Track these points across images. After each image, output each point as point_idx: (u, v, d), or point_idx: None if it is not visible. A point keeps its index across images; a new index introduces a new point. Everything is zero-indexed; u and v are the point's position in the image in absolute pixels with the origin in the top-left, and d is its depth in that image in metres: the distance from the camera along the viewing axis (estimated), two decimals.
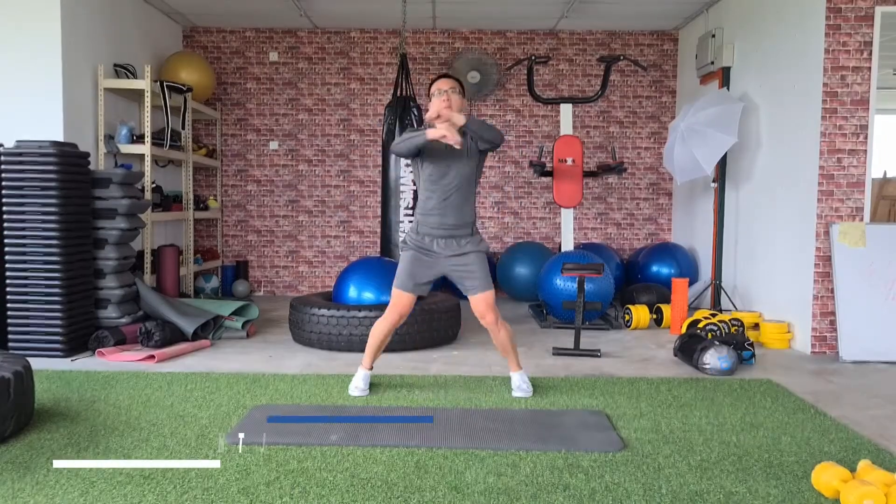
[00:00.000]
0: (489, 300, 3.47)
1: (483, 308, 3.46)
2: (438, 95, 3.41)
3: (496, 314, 3.49)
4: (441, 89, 3.42)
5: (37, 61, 4.90)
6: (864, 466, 2.40)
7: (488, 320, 3.48)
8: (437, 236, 3.46)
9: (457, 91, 3.44)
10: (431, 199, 3.45)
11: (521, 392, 3.55)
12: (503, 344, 3.56)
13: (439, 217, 3.44)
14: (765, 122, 5.37)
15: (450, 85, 3.44)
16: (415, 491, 2.37)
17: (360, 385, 3.56)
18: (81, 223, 4.51)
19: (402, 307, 3.51)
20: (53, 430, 2.95)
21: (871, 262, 4.55)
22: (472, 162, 3.47)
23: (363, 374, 3.61)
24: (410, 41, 7.27)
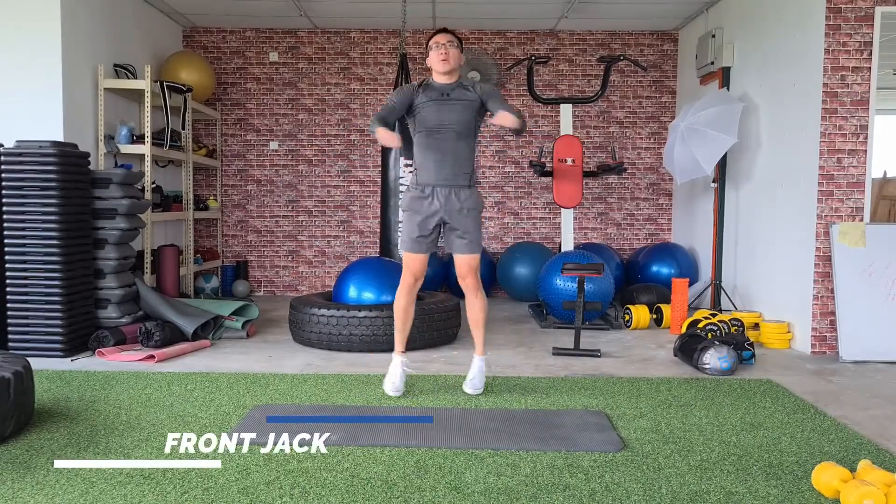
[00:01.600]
0: (473, 263, 3.51)
1: (465, 269, 3.51)
2: (436, 48, 3.46)
3: (477, 279, 3.54)
4: (439, 42, 3.46)
5: (37, 61, 4.90)
6: (864, 466, 2.40)
7: (469, 282, 3.52)
8: (437, 185, 3.46)
9: (454, 45, 3.48)
10: (429, 150, 3.46)
11: (470, 388, 3.55)
12: (477, 315, 3.57)
13: (437, 167, 3.45)
14: (765, 122, 5.37)
15: (447, 39, 3.47)
16: (415, 491, 2.37)
17: (395, 382, 3.52)
18: (81, 223, 4.51)
19: (414, 269, 3.53)
20: (53, 430, 2.95)
21: (871, 262, 4.55)
22: (470, 115, 3.47)
23: (397, 362, 3.57)
24: (410, 41, 7.27)
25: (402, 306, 3.59)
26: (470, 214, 3.49)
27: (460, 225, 3.48)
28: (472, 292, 3.55)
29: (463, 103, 3.46)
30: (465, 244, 3.49)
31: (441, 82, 3.50)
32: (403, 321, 3.60)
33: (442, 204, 3.46)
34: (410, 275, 3.54)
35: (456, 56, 3.46)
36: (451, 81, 3.50)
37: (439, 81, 3.51)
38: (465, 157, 3.48)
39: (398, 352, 3.62)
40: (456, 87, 3.49)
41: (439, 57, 3.44)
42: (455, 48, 3.47)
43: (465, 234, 3.48)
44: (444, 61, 3.43)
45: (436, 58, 3.45)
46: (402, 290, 3.57)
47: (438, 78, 3.51)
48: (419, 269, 3.54)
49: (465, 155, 3.48)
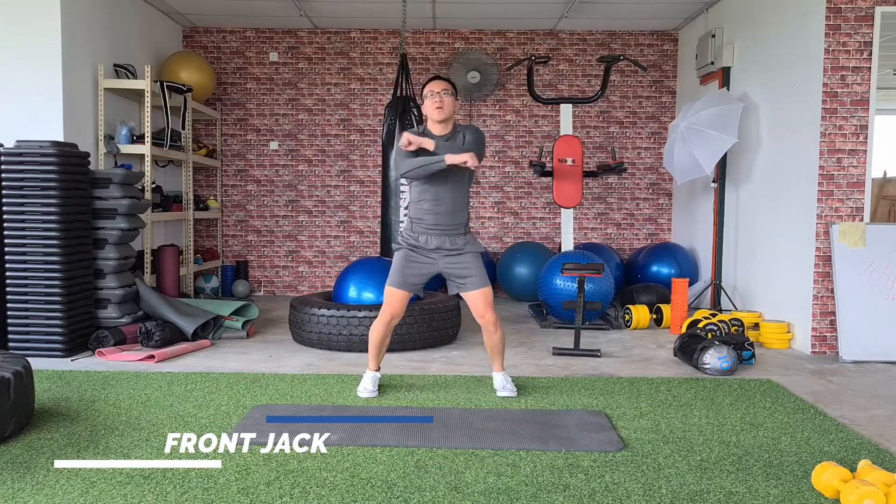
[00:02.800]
0: (488, 297, 3.48)
1: (482, 305, 3.47)
2: (431, 97, 3.45)
3: (494, 313, 3.51)
4: (433, 91, 3.45)
5: (37, 61, 4.90)
6: (864, 466, 2.40)
7: (488, 318, 3.48)
8: (432, 233, 3.47)
9: (449, 93, 3.47)
10: (425, 200, 3.48)
11: (507, 391, 3.55)
12: (496, 345, 3.57)
13: (433, 217, 3.46)
14: (765, 122, 5.37)
15: (442, 87, 3.46)
16: (415, 491, 2.37)
17: (368, 386, 3.56)
18: (81, 223, 4.51)
19: (394, 306, 3.51)
20: (53, 430, 2.95)
21: (871, 262, 4.55)
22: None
23: (371, 375, 3.61)
24: (410, 41, 7.27)
25: (379, 337, 3.57)
26: (468, 253, 3.48)
27: (461, 265, 3.47)
28: (492, 327, 3.52)
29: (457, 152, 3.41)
30: (472, 280, 3.47)
31: (437, 132, 3.51)
32: (378, 348, 3.59)
33: (434, 250, 3.46)
34: (389, 312, 3.52)
35: (450, 104, 3.46)
36: (447, 131, 3.51)
37: (434, 131, 3.51)
38: (461, 207, 3.50)
39: (371, 368, 3.61)
40: (451, 136, 3.49)
41: (434, 105, 3.43)
42: (450, 96, 3.47)
43: (468, 271, 3.47)
44: (438, 109, 3.43)
45: (431, 106, 3.45)
46: (380, 324, 3.55)
47: (434, 127, 3.52)
48: (399, 306, 3.52)
49: (460, 205, 3.50)
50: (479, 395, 3.56)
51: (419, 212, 3.49)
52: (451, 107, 3.46)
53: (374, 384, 3.58)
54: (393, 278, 3.51)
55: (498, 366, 3.63)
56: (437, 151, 3.42)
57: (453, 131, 3.52)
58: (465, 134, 3.50)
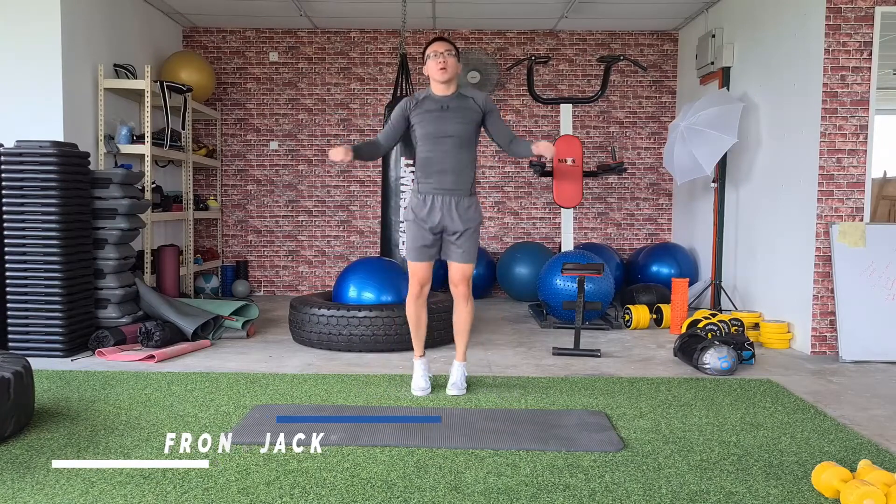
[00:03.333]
0: (467, 272, 3.55)
1: (459, 277, 3.55)
2: (434, 58, 3.45)
3: (469, 287, 3.58)
4: (437, 51, 3.45)
5: (37, 61, 4.90)
6: (864, 466, 2.40)
7: (461, 290, 3.56)
8: (437, 193, 3.48)
9: (452, 53, 3.48)
10: (430, 160, 3.48)
11: (455, 389, 3.57)
12: (463, 322, 3.61)
13: (438, 176, 3.47)
14: (765, 122, 5.37)
15: (445, 47, 3.46)
16: (415, 491, 2.37)
17: (420, 383, 3.58)
18: (81, 223, 4.51)
19: (420, 276, 3.55)
20: (53, 430, 2.95)
21: (871, 262, 4.55)
22: (471, 125, 3.49)
23: (419, 365, 3.63)
24: (410, 41, 7.27)
25: (414, 313, 3.62)
26: (468, 224, 3.50)
27: (458, 233, 3.49)
28: (462, 299, 3.59)
29: (463, 113, 3.47)
30: (461, 253, 3.51)
31: (440, 93, 3.51)
32: (417, 327, 3.64)
33: (442, 210, 3.47)
34: (417, 283, 3.56)
35: (454, 65, 3.47)
36: (450, 92, 3.52)
37: (438, 92, 3.52)
38: (466, 166, 3.50)
39: (418, 354, 3.67)
40: (455, 97, 3.51)
41: (437, 66, 3.43)
42: (453, 56, 3.47)
43: (461, 242, 3.50)
44: (442, 70, 3.43)
45: (434, 67, 3.45)
46: (411, 298, 3.61)
47: (437, 88, 3.52)
48: (425, 276, 3.56)
49: (466, 164, 3.50)
50: (479, 395, 3.56)
51: (425, 171, 3.49)
52: (454, 67, 3.47)
53: (426, 378, 3.60)
54: (410, 253, 3.55)
55: (460, 353, 3.65)
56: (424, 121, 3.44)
57: (458, 93, 3.51)
58: (479, 102, 3.50)
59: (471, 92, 3.55)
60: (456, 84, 3.54)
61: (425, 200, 3.49)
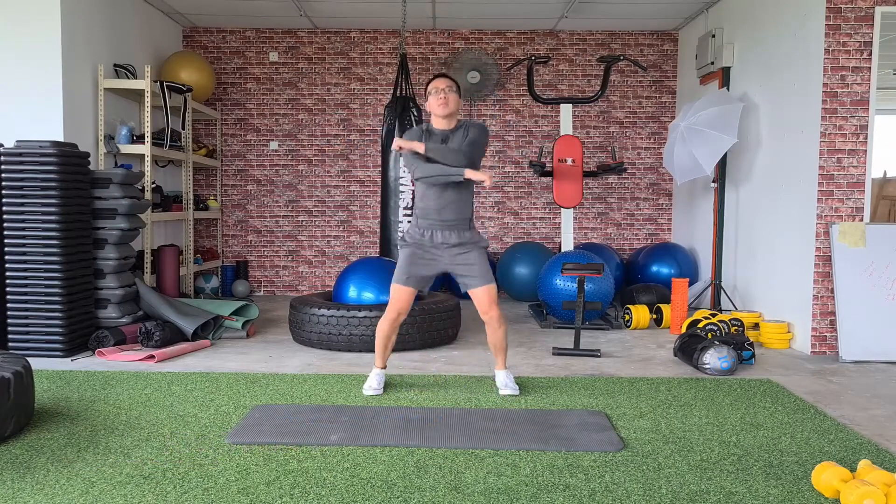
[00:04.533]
0: (492, 294, 3.51)
1: (487, 302, 3.50)
2: (435, 94, 3.50)
3: (499, 310, 3.54)
4: (438, 88, 3.51)
5: (37, 61, 4.90)
6: (864, 466, 2.40)
7: (492, 315, 3.52)
8: (437, 228, 3.50)
9: (453, 90, 3.53)
10: (429, 196, 3.51)
11: (509, 390, 3.58)
12: (499, 342, 3.59)
13: (437, 212, 3.49)
14: (765, 122, 5.37)
15: (446, 84, 3.51)
16: (415, 491, 2.37)
17: (373, 384, 3.59)
18: (81, 223, 4.51)
19: (400, 303, 3.54)
20: (53, 430, 2.95)
21: (871, 262, 4.55)
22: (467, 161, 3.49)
23: (377, 373, 3.63)
24: (410, 41, 7.27)
25: (385, 335, 3.60)
26: (473, 249, 3.51)
27: (466, 261, 3.50)
28: (495, 323, 3.55)
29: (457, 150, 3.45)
30: (477, 277, 3.49)
31: (440, 128, 3.56)
32: (384, 346, 3.62)
33: (441, 244, 3.49)
34: (395, 310, 3.55)
35: (455, 101, 3.52)
36: (450, 126, 3.56)
37: (438, 127, 3.57)
38: (465, 200, 3.53)
39: (378, 366, 3.65)
40: (454, 131, 3.54)
41: (438, 102, 3.48)
42: (454, 93, 3.52)
43: (473, 268, 3.49)
44: (443, 105, 3.48)
45: (435, 103, 3.50)
46: (386, 321, 3.58)
47: (437, 123, 3.56)
48: (405, 303, 3.54)
49: (465, 199, 3.53)
50: (479, 395, 3.56)
51: (424, 207, 3.52)
52: (454, 103, 3.51)
53: (380, 382, 3.60)
54: (399, 275, 3.53)
55: (501, 363, 3.65)
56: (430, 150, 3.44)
57: (456, 127, 3.57)
58: (468, 130, 3.53)
59: (468, 123, 3.58)
60: (455, 119, 3.59)
61: (424, 233, 3.52)
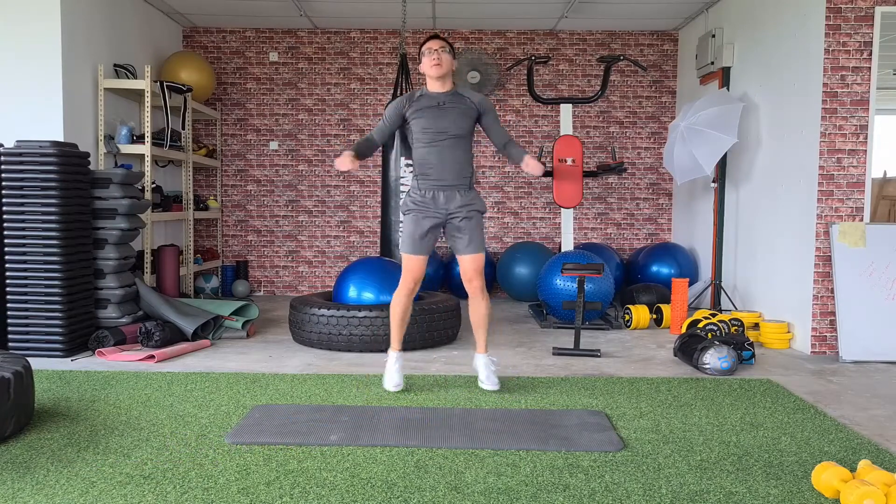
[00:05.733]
0: (479, 263, 3.55)
1: (472, 270, 3.54)
2: (429, 54, 3.51)
3: (483, 281, 3.57)
4: (431, 49, 3.51)
5: (37, 61, 4.91)
6: (864, 466, 2.40)
7: (475, 284, 3.56)
8: (438, 188, 3.53)
9: (447, 50, 3.53)
10: (429, 157, 3.52)
11: (490, 384, 3.59)
12: (480, 317, 3.62)
13: (437, 172, 3.51)
14: (765, 122, 5.37)
15: (439, 45, 3.52)
16: (415, 491, 2.37)
17: (394, 379, 3.59)
18: (81, 223, 4.51)
19: (414, 271, 3.56)
20: (53, 430, 2.95)
21: (871, 262, 4.55)
22: (467, 122, 3.53)
23: (394, 357, 3.63)
24: (410, 41, 7.27)
25: (401, 308, 3.63)
26: (471, 214, 3.55)
27: (462, 224, 3.53)
28: (477, 294, 3.59)
29: (459, 109, 3.52)
30: (467, 244, 3.54)
31: (435, 90, 3.57)
32: (401, 322, 3.65)
33: (443, 204, 3.53)
34: (410, 278, 3.58)
35: (448, 61, 3.52)
36: (445, 89, 3.57)
37: (433, 89, 3.57)
38: (464, 161, 3.55)
39: (395, 348, 3.67)
40: (451, 94, 3.56)
41: (431, 62, 3.49)
42: (447, 53, 3.52)
43: (466, 233, 3.53)
44: (436, 66, 3.49)
45: (428, 63, 3.50)
46: (401, 292, 3.61)
47: (432, 85, 3.57)
48: (418, 270, 3.58)
49: (464, 159, 3.55)
50: (479, 395, 3.56)
51: (424, 168, 3.54)
52: (448, 64, 3.52)
53: (400, 373, 3.61)
54: (406, 244, 3.56)
55: (481, 346, 3.67)
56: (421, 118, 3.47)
57: (454, 92, 3.56)
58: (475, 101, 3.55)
59: (468, 92, 3.60)
60: (451, 82, 3.60)
61: (424, 194, 3.54)
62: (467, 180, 3.56)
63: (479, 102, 3.58)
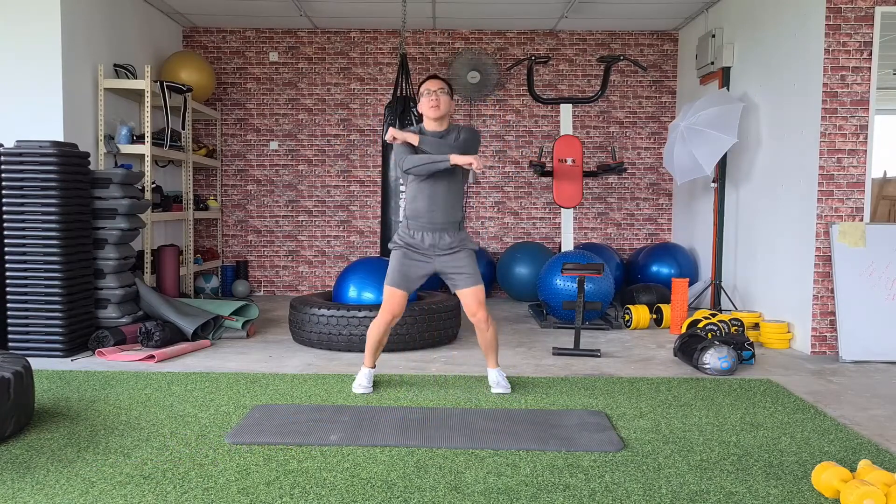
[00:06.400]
0: (479, 296, 3.52)
1: (474, 304, 3.52)
2: (427, 96, 3.51)
3: (487, 311, 3.56)
4: (430, 89, 3.51)
5: (37, 61, 4.90)
6: (864, 466, 2.40)
7: (479, 317, 3.54)
8: (427, 230, 3.52)
9: (445, 91, 3.53)
10: (419, 198, 3.52)
11: (501, 388, 3.60)
12: (489, 342, 3.61)
13: (428, 214, 3.51)
14: (765, 122, 5.37)
15: (438, 86, 3.52)
16: (415, 491, 2.37)
17: (363, 383, 3.61)
18: (81, 223, 4.51)
19: (394, 305, 3.54)
20: (53, 430, 2.95)
21: (871, 262, 4.55)
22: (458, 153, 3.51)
23: (366, 371, 3.65)
24: (410, 41, 7.27)
25: (377, 337, 3.61)
26: (462, 250, 3.54)
27: (455, 263, 3.52)
28: (483, 325, 3.56)
29: (451, 149, 3.49)
30: (465, 278, 3.51)
31: (432, 129, 3.57)
32: (375, 347, 3.63)
33: (431, 246, 3.50)
34: (389, 312, 3.55)
35: (447, 103, 3.52)
36: (442, 128, 3.57)
37: (430, 129, 3.58)
38: (455, 201, 3.55)
39: (367, 365, 3.66)
40: (446, 134, 3.55)
41: (430, 104, 3.50)
42: (445, 95, 3.52)
43: (461, 268, 3.51)
44: (434, 107, 3.49)
45: (426, 104, 3.51)
46: (379, 324, 3.58)
47: (429, 125, 3.58)
48: (399, 306, 3.54)
49: (455, 200, 3.55)
50: (479, 395, 3.56)
51: (414, 209, 3.54)
52: (446, 105, 3.52)
53: (369, 381, 3.62)
54: (391, 278, 3.54)
55: (492, 362, 3.67)
56: (425, 149, 3.47)
57: (448, 129, 3.58)
58: (461, 133, 3.55)
59: (458, 127, 3.60)
60: (448, 121, 3.61)
61: (415, 234, 3.54)
62: (457, 223, 3.56)
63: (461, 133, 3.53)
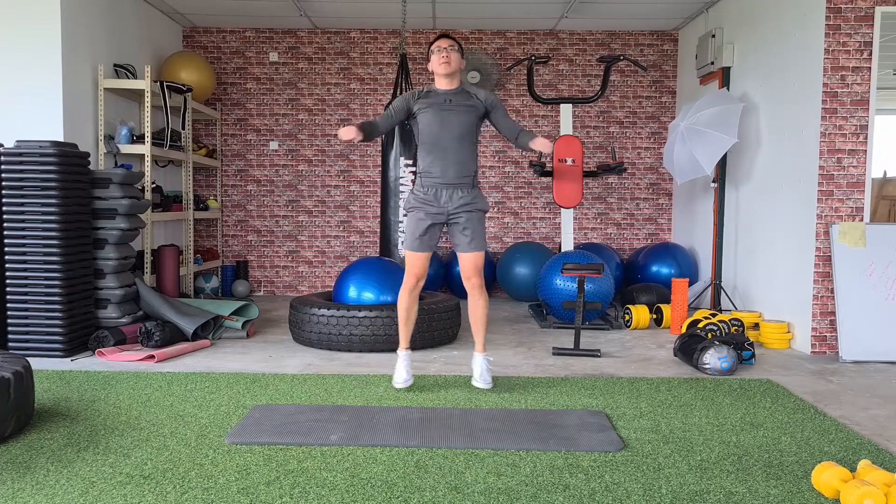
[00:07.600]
0: (478, 262, 3.57)
1: (472, 268, 3.56)
2: (438, 53, 3.55)
3: (482, 279, 3.60)
4: (441, 47, 3.55)
5: (37, 61, 4.90)
6: (864, 466, 2.40)
7: (474, 282, 3.58)
8: (441, 186, 3.55)
9: (455, 49, 3.57)
10: (432, 154, 3.55)
11: (482, 383, 3.62)
12: (479, 315, 3.63)
13: (441, 170, 3.53)
14: (765, 122, 5.37)
15: (448, 43, 3.56)
16: (415, 491, 2.37)
17: (403, 375, 3.60)
18: (81, 223, 4.51)
19: (416, 268, 3.59)
20: (53, 430, 2.95)
21: (871, 262, 4.55)
22: (471, 117, 3.56)
23: (403, 357, 3.64)
24: (410, 41, 7.27)
25: (406, 306, 3.65)
26: (473, 212, 3.57)
27: (464, 222, 3.55)
28: (476, 291, 3.61)
29: (465, 108, 3.56)
30: (468, 242, 3.55)
31: (443, 88, 3.60)
32: (407, 319, 3.67)
33: (445, 202, 3.55)
34: (413, 275, 3.60)
35: (457, 60, 3.56)
36: (453, 87, 3.60)
37: (441, 87, 3.61)
38: (468, 159, 3.58)
39: (403, 347, 3.68)
40: (458, 92, 3.59)
41: (440, 60, 3.53)
42: (456, 52, 3.56)
43: (467, 231, 3.55)
44: (444, 64, 3.53)
45: (437, 61, 3.55)
46: (405, 290, 3.64)
47: (440, 83, 3.60)
48: (421, 268, 3.60)
49: (468, 158, 3.58)
50: (479, 395, 3.56)
51: (428, 165, 3.56)
52: (457, 62, 3.56)
53: (408, 370, 3.62)
54: (409, 242, 3.59)
55: (479, 345, 3.69)
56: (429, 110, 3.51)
57: (461, 89, 3.60)
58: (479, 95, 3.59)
59: (474, 89, 3.64)
60: (459, 80, 3.63)
61: (427, 191, 3.57)
62: (470, 179, 3.58)
63: (486, 99, 3.61)
